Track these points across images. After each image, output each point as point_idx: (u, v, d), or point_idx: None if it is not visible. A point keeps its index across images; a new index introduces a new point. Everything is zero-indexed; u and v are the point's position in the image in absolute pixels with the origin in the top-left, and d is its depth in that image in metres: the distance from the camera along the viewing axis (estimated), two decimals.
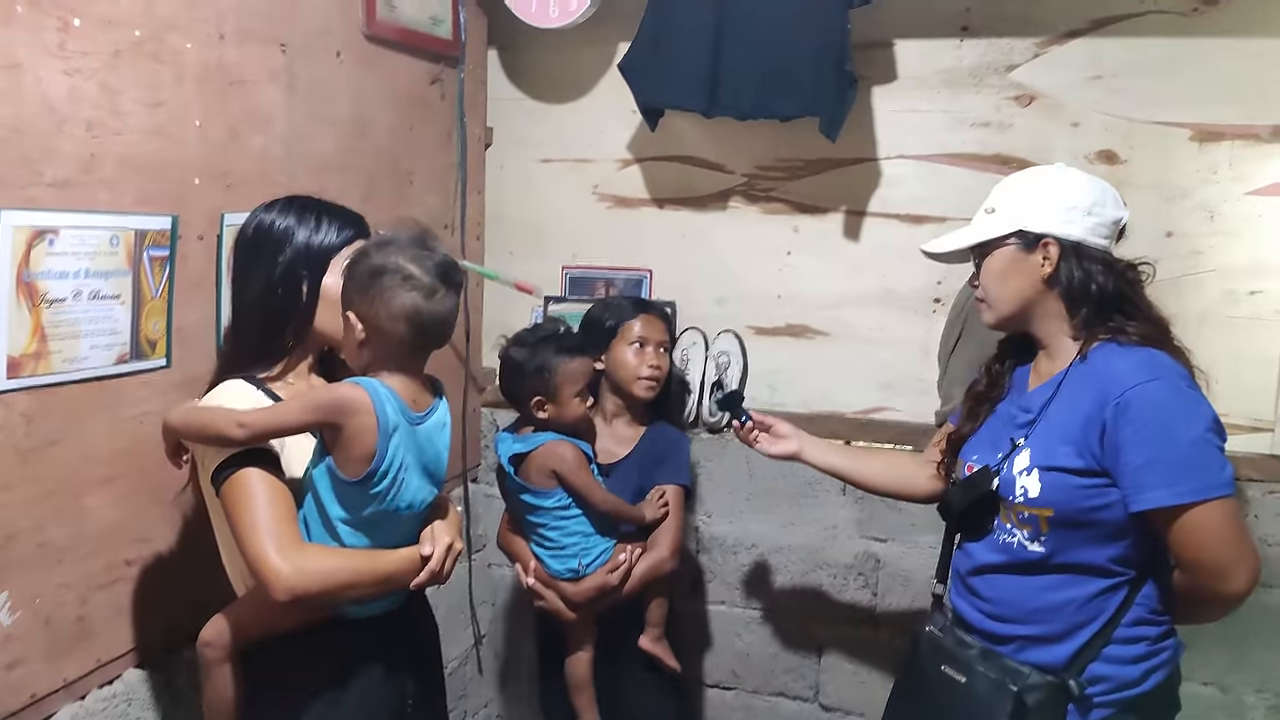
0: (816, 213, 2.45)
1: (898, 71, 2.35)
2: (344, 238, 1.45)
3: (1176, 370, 1.40)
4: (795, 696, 2.54)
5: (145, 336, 1.54)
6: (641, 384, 2.08)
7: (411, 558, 1.41)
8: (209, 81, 1.64)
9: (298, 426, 1.33)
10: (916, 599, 2.39)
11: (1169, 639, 1.47)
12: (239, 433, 1.28)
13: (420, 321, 1.35)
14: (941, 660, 1.53)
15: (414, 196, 2.29)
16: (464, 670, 2.69)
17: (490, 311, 2.70)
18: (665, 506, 2.04)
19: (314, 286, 1.43)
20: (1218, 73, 2.12)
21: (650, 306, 2.16)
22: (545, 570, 2.01)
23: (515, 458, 1.97)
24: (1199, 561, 1.37)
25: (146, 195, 1.53)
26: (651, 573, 2.01)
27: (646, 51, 2.29)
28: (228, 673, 1.40)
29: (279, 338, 1.44)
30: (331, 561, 1.34)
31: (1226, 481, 1.35)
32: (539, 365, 1.92)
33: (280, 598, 1.27)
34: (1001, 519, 1.50)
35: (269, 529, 1.29)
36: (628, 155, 2.57)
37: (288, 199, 1.47)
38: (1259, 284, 2.15)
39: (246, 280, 1.44)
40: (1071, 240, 1.46)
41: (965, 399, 1.70)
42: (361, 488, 1.33)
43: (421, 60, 2.27)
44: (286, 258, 1.41)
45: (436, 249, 1.38)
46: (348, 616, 1.42)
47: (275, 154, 1.81)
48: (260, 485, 1.31)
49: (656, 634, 2.07)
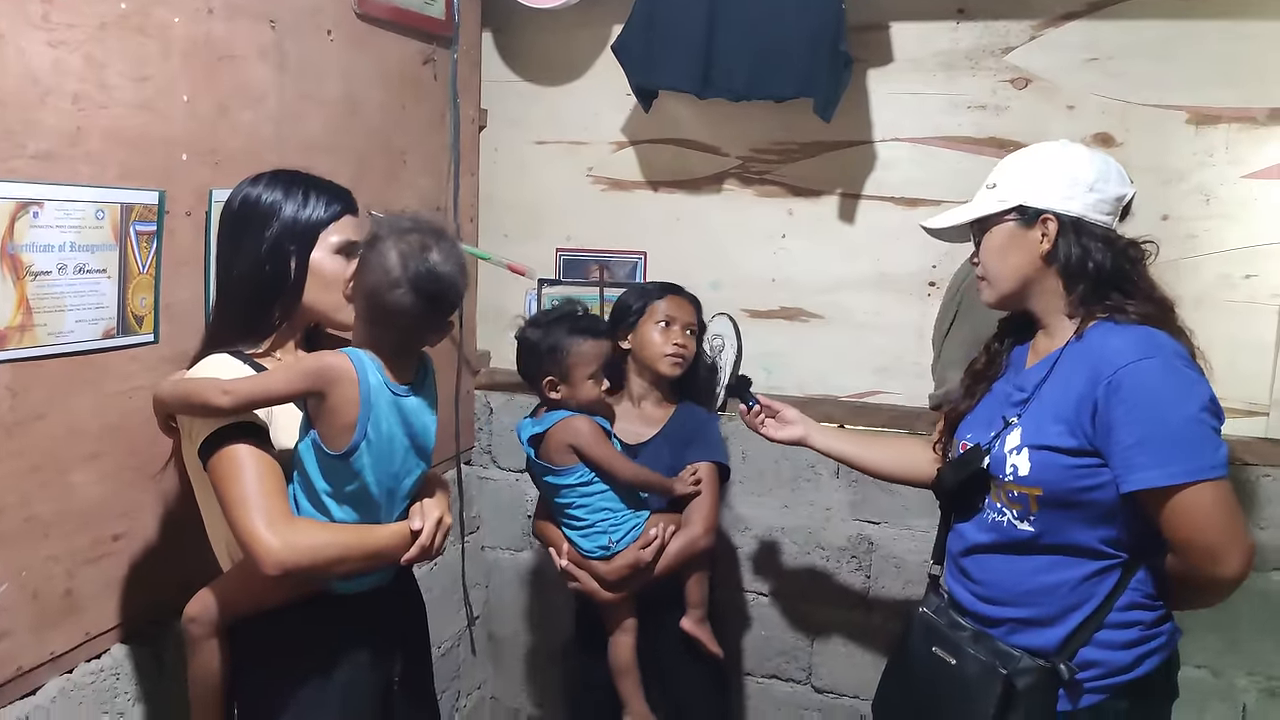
0: (811, 195, 2.44)
1: (893, 54, 2.33)
2: (332, 212, 1.44)
3: (1173, 349, 1.38)
4: (788, 679, 2.54)
5: (132, 311, 1.54)
6: (667, 361, 2.06)
7: (401, 532, 1.41)
8: (197, 56, 1.63)
9: (284, 394, 1.32)
10: (909, 582, 2.39)
11: (1164, 624, 1.45)
12: (224, 400, 1.27)
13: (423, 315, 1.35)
14: (933, 642, 1.52)
15: (406, 178, 2.29)
16: (457, 651, 2.69)
17: (484, 293, 2.69)
18: (698, 483, 2.01)
19: (302, 262, 1.41)
20: (1214, 55, 2.11)
21: (679, 290, 2.15)
22: (576, 551, 1.99)
23: (534, 439, 1.97)
24: (1190, 544, 1.35)
25: (133, 170, 1.52)
26: (685, 551, 1.98)
27: (640, 32, 2.27)
28: (213, 648, 1.39)
29: (266, 313, 1.42)
30: (321, 536, 1.33)
31: (1220, 463, 1.33)
32: (551, 345, 1.92)
33: (270, 572, 1.26)
34: (992, 498, 1.49)
35: (258, 503, 1.27)
36: (622, 138, 2.56)
37: (274, 172, 1.45)
38: (1255, 268, 2.14)
39: (233, 255, 1.42)
40: (1071, 216, 1.44)
41: (964, 377, 1.69)
42: (346, 461, 1.33)
43: (414, 40, 2.26)
44: (274, 232, 1.40)
45: (445, 240, 1.37)
46: (336, 592, 1.41)
47: (264, 132, 1.80)
48: (249, 458, 1.30)
49: (698, 615, 2.03)
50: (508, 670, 2.83)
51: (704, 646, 2.04)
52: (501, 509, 2.74)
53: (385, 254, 1.33)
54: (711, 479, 2.04)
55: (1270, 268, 2.13)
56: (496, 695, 2.86)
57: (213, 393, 1.28)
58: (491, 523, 2.77)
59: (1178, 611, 1.47)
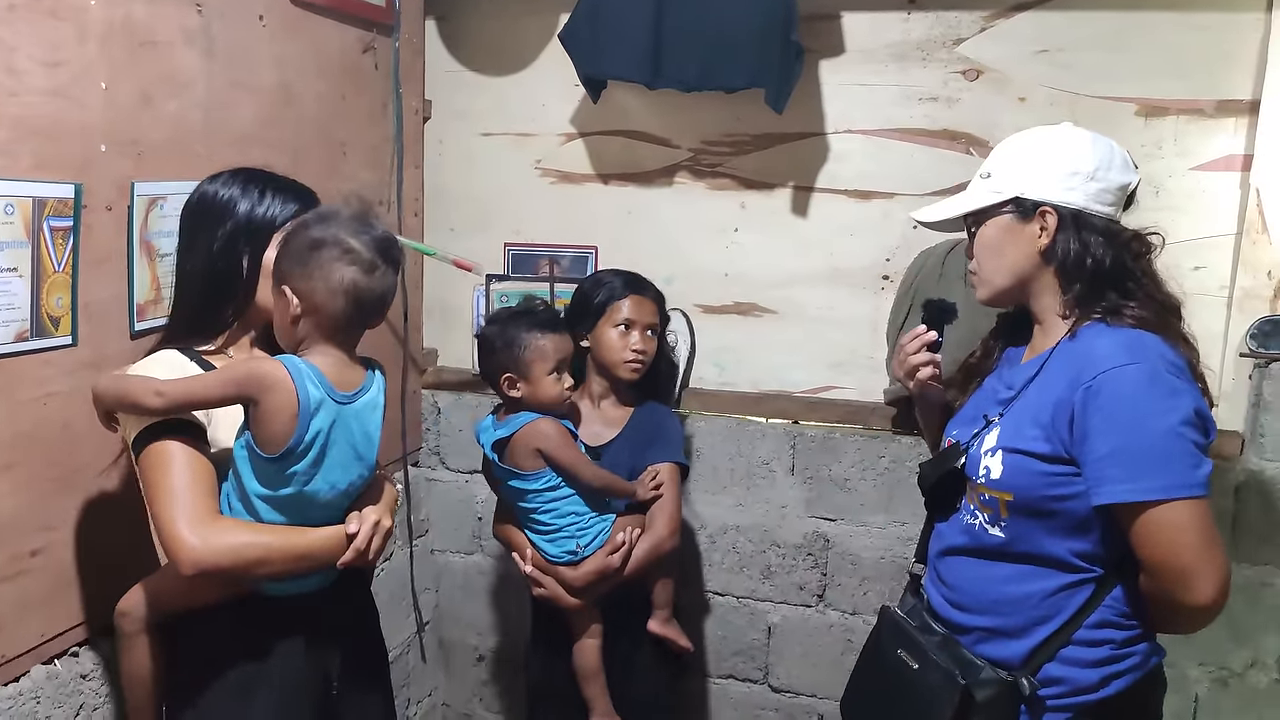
0: (764, 189, 2.40)
1: (845, 44, 2.30)
2: (288, 212, 1.41)
3: (1161, 355, 1.29)
4: (745, 679, 2.51)
5: (47, 312, 1.44)
6: (627, 367, 2.00)
7: (335, 536, 1.37)
8: (116, 41, 1.54)
9: (213, 399, 1.30)
10: (866, 579, 2.37)
11: (1138, 645, 1.36)
12: (155, 401, 1.26)
13: (359, 297, 1.32)
14: (900, 644, 1.46)
15: (346, 171, 2.20)
16: (406, 658, 2.62)
17: (430, 290, 2.62)
18: (658, 486, 1.97)
19: (255, 260, 1.39)
20: (1163, 47, 2.11)
21: (644, 286, 2.07)
22: (541, 556, 1.94)
23: (499, 443, 1.90)
24: (1161, 566, 1.26)
25: (45, 161, 1.43)
26: (651, 554, 1.94)
27: (587, 21, 2.21)
28: (145, 645, 1.37)
29: (219, 311, 1.41)
30: (242, 536, 1.29)
31: (1198, 482, 1.24)
32: (509, 339, 1.86)
33: (186, 571, 1.24)
34: (967, 499, 1.43)
35: (181, 500, 1.26)
36: (571, 129, 2.50)
37: (235, 170, 1.43)
38: (1203, 259, 2.15)
39: (188, 251, 1.42)
40: (1072, 209, 1.36)
41: (958, 370, 1.62)
42: (279, 465, 1.29)
43: (353, 27, 2.17)
44: (227, 230, 1.38)
45: (377, 224, 1.36)
46: (268, 594, 1.37)
47: (192, 121, 1.71)
48: (178, 455, 1.28)
49: (665, 615, 2.02)
50: (459, 676, 2.77)
51: (674, 644, 2.02)
52: (451, 511, 2.67)
53: (322, 241, 1.31)
54: (673, 480, 2.00)
55: (1218, 259, 2.14)
56: (448, 702, 2.79)
57: (146, 393, 1.26)
58: (440, 525, 2.69)
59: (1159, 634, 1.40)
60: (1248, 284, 2.10)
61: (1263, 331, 2.07)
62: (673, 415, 2.13)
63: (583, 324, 2.02)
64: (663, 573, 2.01)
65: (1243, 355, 2.11)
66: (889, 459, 2.32)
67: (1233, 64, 2.07)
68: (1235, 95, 2.08)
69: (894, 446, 2.31)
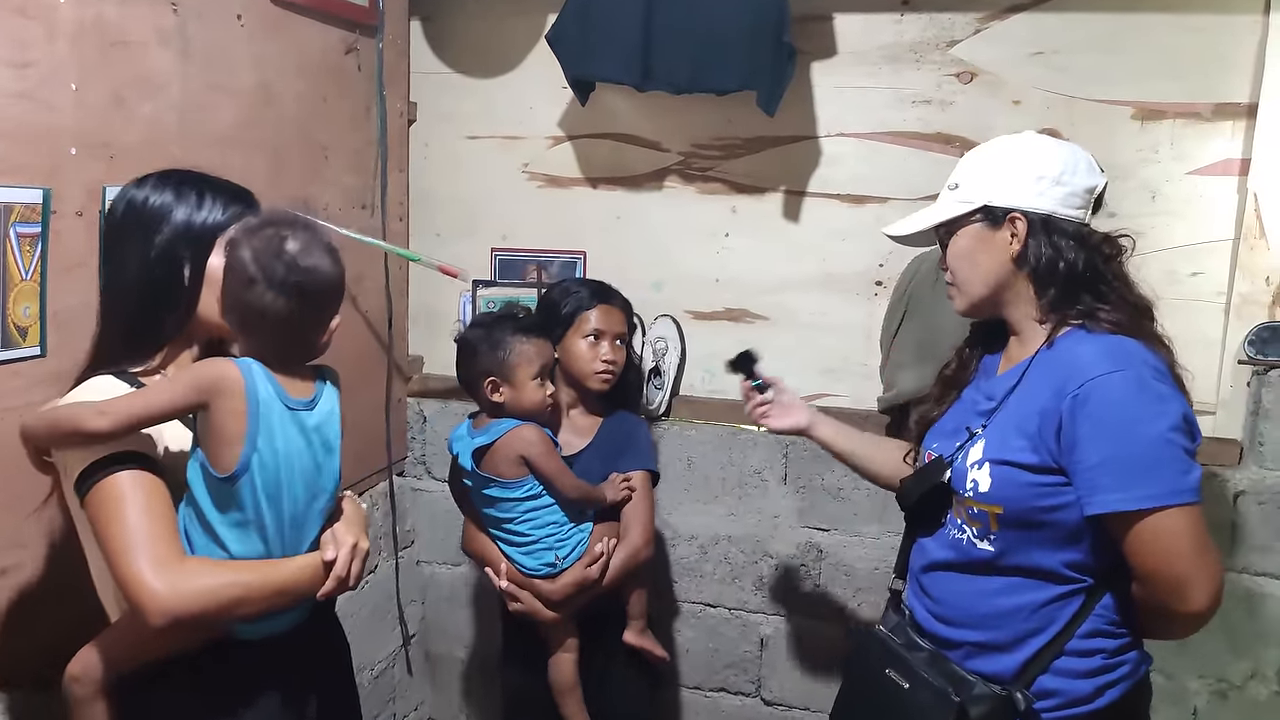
0: (755, 193, 2.36)
1: (837, 46, 2.27)
2: (229, 215, 1.30)
3: (1145, 361, 1.28)
4: (737, 692, 2.47)
5: (14, 322, 1.39)
6: (597, 378, 1.97)
7: (313, 565, 1.28)
8: (86, 41, 1.49)
9: (170, 409, 1.18)
10: (859, 589, 2.33)
11: (1129, 653, 1.35)
12: (100, 423, 1.13)
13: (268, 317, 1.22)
14: (887, 663, 1.42)
15: (329, 175, 2.15)
16: (392, 672, 2.57)
17: (415, 296, 2.57)
18: (628, 488, 1.93)
19: (197, 270, 1.28)
20: (1159, 49, 2.08)
21: (611, 296, 2.03)
22: (517, 569, 1.89)
23: (478, 451, 1.85)
24: (1154, 574, 1.25)
25: (12, 165, 1.38)
26: (628, 564, 1.91)
27: (575, 22, 2.17)
28: (101, 711, 1.24)
29: (156, 327, 1.29)
30: (216, 577, 1.19)
31: (1189, 488, 1.23)
32: (493, 343, 1.82)
33: (156, 622, 1.12)
34: (953, 513, 1.41)
35: (142, 542, 1.14)
36: (559, 132, 2.45)
37: (164, 173, 1.32)
38: (1200, 265, 2.12)
39: (118, 264, 1.29)
40: (1041, 213, 1.35)
41: (934, 383, 1.60)
42: (235, 484, 1.19)
43: (335, 28, 2.13)
44: (164, 238, 1.27)
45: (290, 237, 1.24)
46: (239, 638, 1.26)
47: (167, 124, 1.66)
48: (132, 490, 1.16)
49: (640, 626, 1.99)
50: (446, 689, 2.72)
51: (649, 654, 1.99)
52: (437, 522, 2.62)
53: (239, 255, 1.21)
54: (645, 488, 1.97)
55: (1215, 265, 2.11)
56: (435, 715, 2.74)
57: (86, 416, 1.14)
58: (426, 536, 2.64)
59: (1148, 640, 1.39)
60: (1245, 290, 2.07)
61: (1261, 338, 2.05)
62: (642, 423, 2.10)
63: (551, 334, 1.97)
64: (637, 583, 1.98)
65: (1241, 362, 2.08)
66: None
67: (1230, 67, 2.05)
68: (1232, 98, 2.06)
69: None
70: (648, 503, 1.97)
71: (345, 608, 2.21)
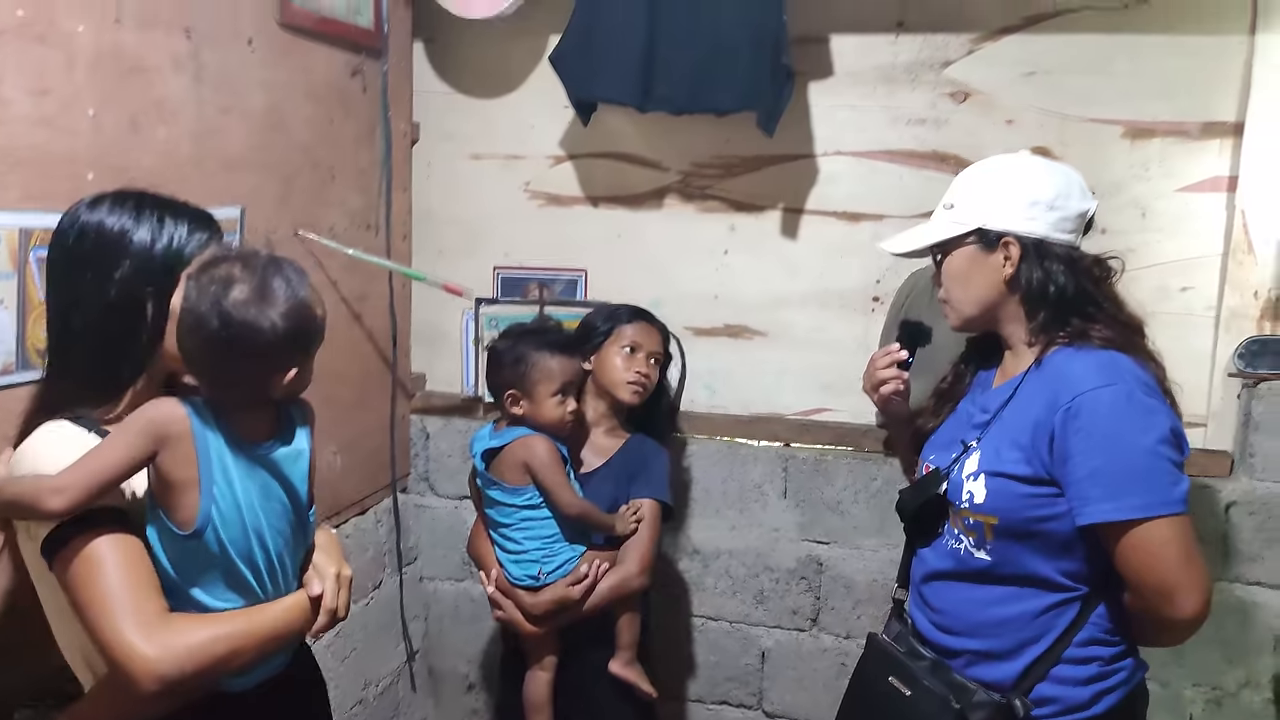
0: (753, 211, 2.40)
1: (834, 67, 2.31)
2: (196, 241, 1.20)
3: (1135, 376, 1.33)
4: (739, 704, 2.49)
5: (33, 345, 1.41)
6: (628, 388, 1.98)
7: (300, 605, 1.23)
8: (104, 68, 1.52)
9: (128, 464, 1.09)
10: (859, 602, 2.36)
11: (1124, 660, 1.39)
12: (57, 502, 1.04)
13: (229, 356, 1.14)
14: (889, 671, 1.47)
15: (335, 195, 2.18)
16: (396, 688, 2.58)
17: (419, 314, 2.59)
18: (637, 521, 1.94)
19: (160, 304, 1.17)
20: (1149, 70, 2.13)
21: (651, 318, 2.08)
22: (505, 577, 1.91)
23: (488, 453, 1.89)
24: (1143, 582, 1.30)
25: (33, 191, 1.40)
26: (617, 590, 1.90)
27: (578, 43, 2.21)
28: None
29: (117, 369, 1.18)
30: (206, 630, 1.12)
31: (1177, 499, 1.28)
32: (516, 357, 1.86)
33: (149, 688, 1.05)
34: (951, 524, 1.45)
35: (124, 604, 1.06)
36: (560, 152, 2.49)
37: (118, 194, 1.21)
38: (1190, 280, 2.16)
39: (71, 297, 1.17)
40: (1034, 238, 1.39)
41: (930, 396, 1.64)
42: (202, 538, 1.12)
43: (341, 51, 2.16)
44: (125, 271, 1.15)
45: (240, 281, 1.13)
46: (228, 692, 1.20)
47: (181, 148, 1.69)
48: (107, 551, 1.08)
49: (628, 657, 1.95)
50: (449, 705, 2.73)
51: (636, 689, 1.96)
52: (440, 538, 2.64)
53: (185, 293, 1.13)
54: (653, 517, 1.97)
55: (1205, 280, 2.16)
56: None
57: (43, 496, 1.05)
58: (430, 552, 2.66)
59: (1141, 647, 1.43)
60: (1234, 304, 2.12)
61: (1250, 351, 2.09)
62: (662, 452, 2.09)
63: (588, 347, 2.01)
64: (628, 610, 1.95)
65: (1231, 375, 2.12)
66: (881, 481, 2.31)
67: (1217, 86, 2.10)
68: (1220, 117, 2.11)
69: (886, 469, 2.30)
70: (650, 532, 1.95)
71: (349, 626, 2.25)
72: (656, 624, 2.17)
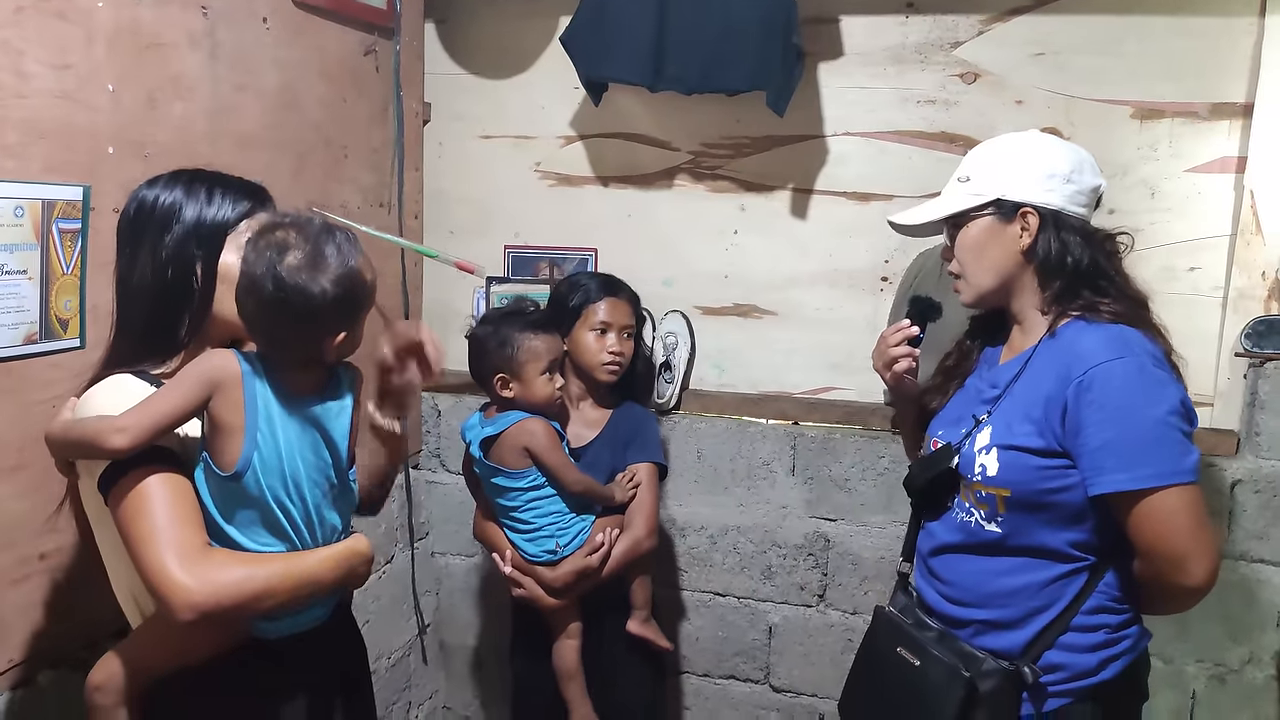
0: (763, 191, 2.41)
1: (844, 48, 2.32)
2: (240, 211, 1.29)
3: (1145, 349, 1.35)
4: (746, 679, 2.52)
5: (56, 315, 1.44)
6: (604, 369, 2.01)
7: (335, 556, 1.27)
8: (122, 43, 1.54)
9: (185, 409, 1.17)
10: (866, 578, 2.39)
11: (1130, 628, 1.42)
12: (120, 440, 1.12)
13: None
14: (898, 642, 1.49)
15: (347, 173, 2.21)
16: (408, 661, 2.62)
17: (429, 292, 2.62)
18: (635, 487, 1.99)
19: (210, 267, 1.27)
20: (1158, 50, 2.13)
21: (618, 289, 2.07)
22: (521, 556, 1.94)
23: (486, 441, 1.91)
24: (1155, 550, 1.32)
25: (55, 164, 1.43)
26: (629, 554, 1.96)
27: (589, 23, 2.22)
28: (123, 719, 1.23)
29: (172, 328, 1.28)
30: (242, 568, 1.18)
31: (1189, 469, 1.30)
32: (502, 340, 1.87)
33: (183, 617, 1.11)
34: (961, 497, 1.47)
35: (166, 537, 1.13)
36: (571, 132, 2.50)
37: (174, 172, 1.31)
38: (1198, 260, 2.17)
39: (131, 265, 1.27)
40: (1051, 209, 1.41)
41: (935, 373, 1.66)
42: (242, 480, 1.19)
43: (354, 30, 2.18)
44: (175, 237, 1.25)
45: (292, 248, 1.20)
46: (264, 638, 1.26)
47: (197, 124, 1.72)
48: (156, 489, 1.15)
49: (644, 616, 2.03)
50: (460, 678, 2.77)
51: (653, 644, 2.03)
52: (451, 513, 2.67)
53: (245, 255, 1.21)
54: (651, 480, 2.02)
55: (1213, 260, 2.16)
56: (449, 705, 2.79)
57: (106, 434, 1.13)
58: (441, 528, 2.69)
59: (1146, 615, 1.45)
60: (1242, 284, 2.12)
61: (1257, 331, 2.10)
62: (651, 416, 2.14)
63: (560, 327, 2.02)
64: (640, 572, 2.02)
65: (1238, 355, 2.13)
66: (888, 459, 2.33)
67: (1226, 67, 2.10)
68: (1229, 98, 2.11)
69: (894, 447, 2.32)
70: (652, 494, 2.01)
71: (362, 598, 2.28)
72: (664, 599, 2.20)
